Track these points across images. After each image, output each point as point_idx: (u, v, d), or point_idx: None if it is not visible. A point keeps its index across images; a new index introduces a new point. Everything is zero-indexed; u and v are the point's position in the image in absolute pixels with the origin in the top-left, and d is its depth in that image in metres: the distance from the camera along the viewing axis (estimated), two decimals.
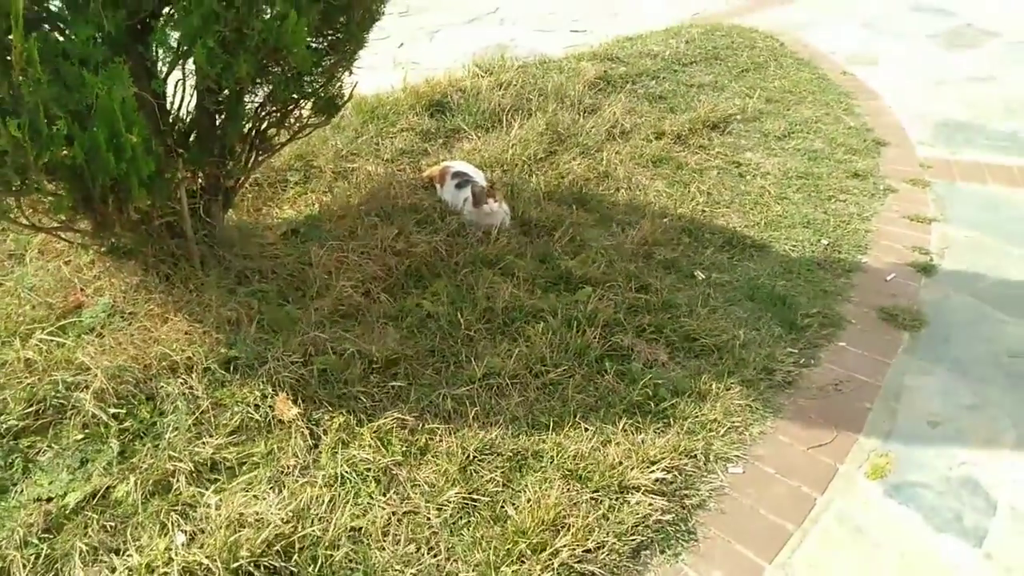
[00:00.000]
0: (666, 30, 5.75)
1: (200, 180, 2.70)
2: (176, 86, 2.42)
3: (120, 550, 1.79)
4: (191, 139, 2.56)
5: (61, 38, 2.00)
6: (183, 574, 1.69)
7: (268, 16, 2.15)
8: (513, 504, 1.92)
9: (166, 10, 2.18)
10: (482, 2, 6.95)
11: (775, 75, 4.91)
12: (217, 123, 2.59)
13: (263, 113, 2.64)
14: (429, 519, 1.89)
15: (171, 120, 2.47)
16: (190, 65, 2.27)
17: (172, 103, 2.46)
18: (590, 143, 3.81)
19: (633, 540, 1.85)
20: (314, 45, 2.50)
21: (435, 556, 1.80)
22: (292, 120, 2.74)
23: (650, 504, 1.92)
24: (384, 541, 1.83)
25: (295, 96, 2.61)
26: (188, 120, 2.54)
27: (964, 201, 3.48)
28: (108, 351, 2.31)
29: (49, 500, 1.93)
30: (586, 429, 2.14)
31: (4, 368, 2.22)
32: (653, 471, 1.99)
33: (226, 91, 2.41)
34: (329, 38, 2.52)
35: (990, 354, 2.53)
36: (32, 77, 1.83)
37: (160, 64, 2.29)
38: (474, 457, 2.06)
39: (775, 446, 2.17)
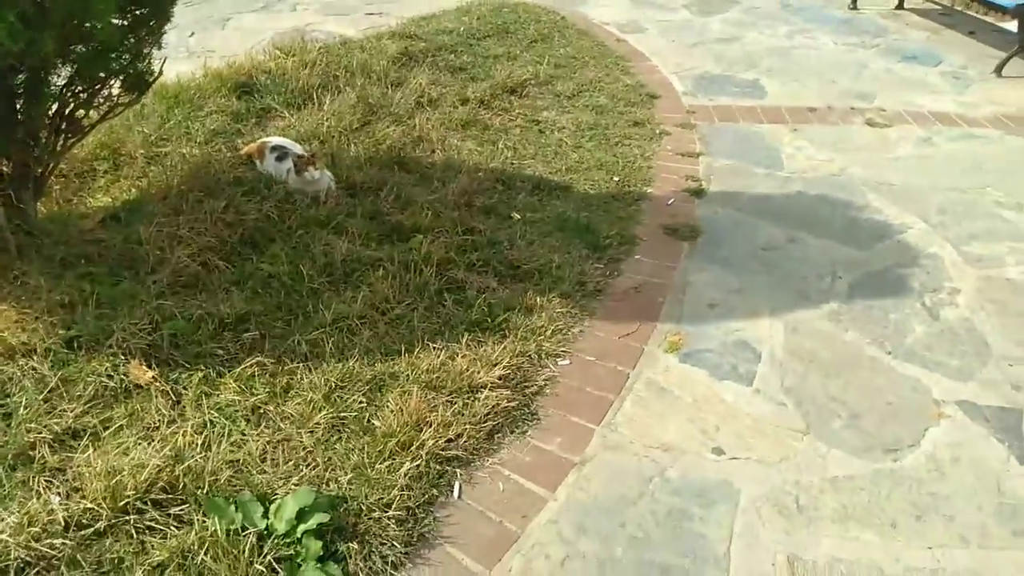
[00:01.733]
0: (457, 8, 6.09)
1: (5, 167, 2.61)
2: None
3: None
4: None
5: None
6: (68, 522, 1.75)
7: None
8: (378, 417, 2.14)
9: None
10: None
11: (560, 44, 5.42)
12: (18, 106, 2.53)
13: (69, 94, 2.61)
14: (303, 442, 2.06)
15: None
16: None
17: None
18: (401, 112, 4.05)
19: (486, 426, 2.16)
20: (119, 21, 2.51)
21: (314, 469, 1.99)
22: (101, 100, 2.72)
23: (496, 397, 2.23)
24: (263, 466, 1.99)
25: (102, 74, 2.61)
26: None
27: (722, 137, 4.15)
28: None
29: None
30: (435, 348, 2.41)
31: None
32: (495, 371, 2.31)
33: (26, 71, 2.38)
34: (135, 13, 2.54)
35: (749, 250, 3.12)
36: None
37: None
38: (336, 386, 2.25)
39: (593, 340, 2.57)
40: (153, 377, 2.24)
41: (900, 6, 6.63)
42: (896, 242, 3.17)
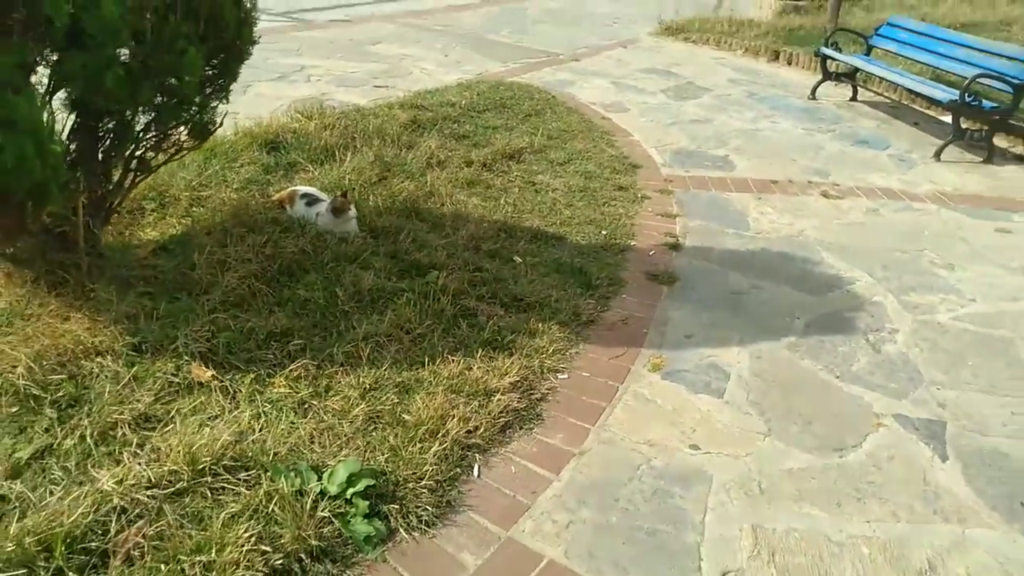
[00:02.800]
0: (458, 85, 6.73)
1: (83, 200, 3.01)
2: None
3: (83, 483, 2.12)
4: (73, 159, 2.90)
5: None
6: (155, 480, 2.08)
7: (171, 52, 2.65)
8: (408, 412, 2.52)
9: None
10: (285, 61, 7.51)
11: (552, 119, 6.03)
12: (100, 146, 2.97)
13: (144, 138, 3.05)
14: (344, 430, 2.43)
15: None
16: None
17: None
18: (414, 170, 4.55)
19: (499, 422, 2.55)
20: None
21: (356, 450, 2.35)
22: (169, 144, 3.17)
23: (507, 399, 2.63)
24: (312, 447, 2.34)
25: (175, 122, 3.06)
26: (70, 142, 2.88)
27: (696, 202, 4.70)
28: (21, 343, 2.57)
29: None
30: (453, 360, 2.80)
31: None
32: (506, 379, 2.71)
33: (116, 117, 2.83)
34: (208, 72, 3.02)
35: (719, 294, 3.59)
36: None
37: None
38: (370, 388, 2.63)
39: (587, 359, 2.99)
40: (212, 376, 2.60)
41: (854, 98, 7.41)
42: (845, 291, 3.67)
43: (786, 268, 3.88)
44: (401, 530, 2.11)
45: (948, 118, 6.02)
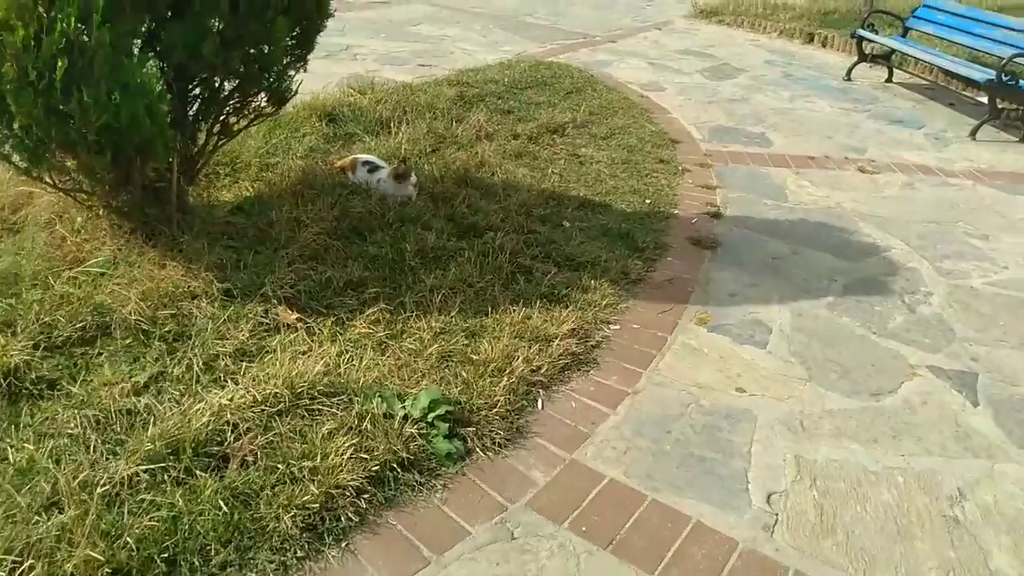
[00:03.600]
0: (499, 64, 6.93)
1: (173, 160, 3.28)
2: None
3: (199, 401, 2.38)
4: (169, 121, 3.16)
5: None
6: (260, 397, 2.34)
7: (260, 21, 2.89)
8: (476, 352, 2.75)
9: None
10: (330, 40, 7.72)
11: (592, 96, 6.21)
12: (189, 111, 3.22)
13: (229, 103, 3.30)
14: (420, 366, 2.67)
15: None
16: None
17: None
18: (464, 142, 4.77)
19: (560, 363, 2.77)
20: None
21: (432, 382, 2.59)
22: (249, 110, 3.42)
23: (566, 344, 2.85)
24: (393, 379, 2.59)
25: (257, 89, 3.31)
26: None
27: (734, 175, 4.87)
28: (128, 285, 2.84)
29: (116, 384, 2.46)
30: (514, 311, 3.03)
31: (45, 301, 2.69)
32: (564, 326, 2.93)
33: (207, 83, 3.08)
34: (289, 42, 3.25)
35: (760, 258, 3.78)
36: (101, 58, 2.45)
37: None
38: (441, 331, 2.87)
39: (637, 313, 3.20)
40: (297, 318, 2.86)
41: (889, 80, 7.49)
42: (881, 258, 3.84)
43: (824, 236, 4.05)
44: (477, 450, 2.35)
45: (984, 99, 6.10)
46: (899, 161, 5.26)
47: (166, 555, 1.86)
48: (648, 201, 4.33)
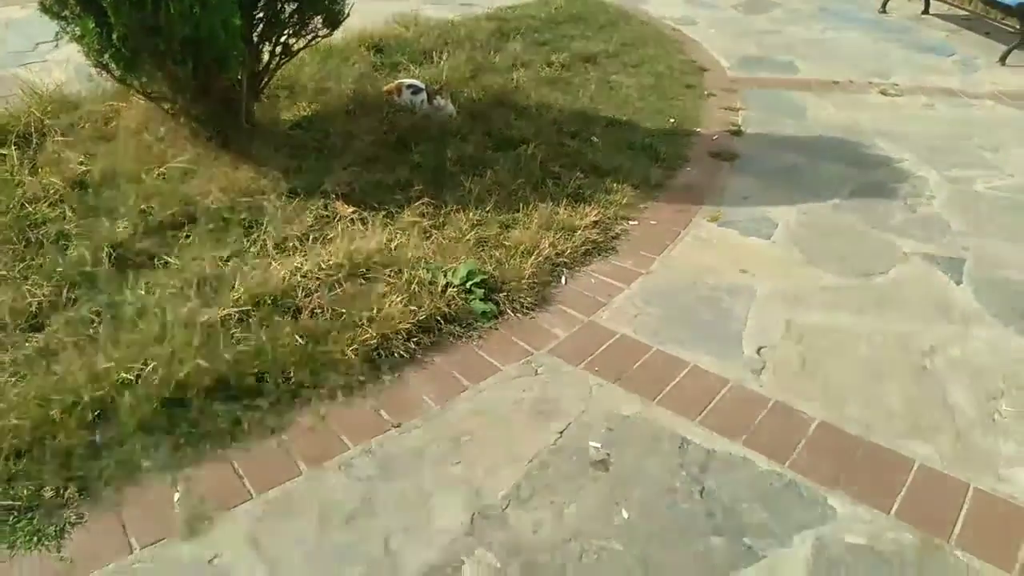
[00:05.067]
0: (537, 1, 7.16)
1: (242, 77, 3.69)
2: None
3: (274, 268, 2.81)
4: None
5: None
6: (326, 264, 2.77)
7: None
8: (508, 240, 3.13)
9: None
10: None
11: (625, 30, 6.43)
12: (254, 32, 3.61)
13: (288, 24, 3.68)
14: (459, 249, 3.06)
15: None
16: None
17: None
18: (501, 69, 5.09)
19: (582, 249, 3.15)
20: None
21: (469, 260, 2.98)
22: (306, 31, 3.79)
23: (588, 234, 3.22)
24: (436, 257, 2.99)
25: (313, 11, 3.68)
26: None
27: (758, 98, 5.10)
28: (208, 182, 3.29)
29: (205, 257, 2.91)
30: (543, 207, 3.39)
31: (140, 192, 3.15)
32: (587, 219, 3.29)
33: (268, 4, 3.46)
34: None
35: (776, 168, 4.05)
36: None
37: None
38: (477, 223, 3.25)
39: (654, 212, 3.54)
40: (353, 211, 3.27)
41: (925, 11, 7.49)
42: (892, 168, 4.08)
43: (839, 149, 4.29)
44: (508, 311, 2.75)
45: (1020, 25, 6.13)
46: (923, 85, 5.39)
47: (255, 372, 2.31)
48: (673, 120, 4.61)
